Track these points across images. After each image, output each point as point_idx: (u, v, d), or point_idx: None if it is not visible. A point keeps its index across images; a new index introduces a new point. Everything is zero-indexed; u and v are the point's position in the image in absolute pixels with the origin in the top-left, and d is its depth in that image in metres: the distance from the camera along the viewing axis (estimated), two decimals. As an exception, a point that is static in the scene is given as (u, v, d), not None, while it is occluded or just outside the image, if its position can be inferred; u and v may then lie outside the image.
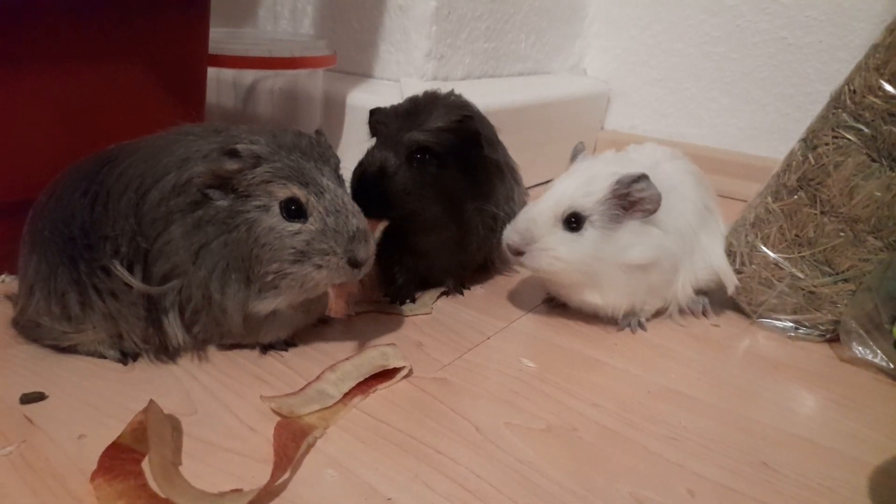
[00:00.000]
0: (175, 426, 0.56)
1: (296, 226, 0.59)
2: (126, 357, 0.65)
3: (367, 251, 0.61)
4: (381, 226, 0.76)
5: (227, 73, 1.21)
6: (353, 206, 0.62)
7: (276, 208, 0.59)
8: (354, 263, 0.61)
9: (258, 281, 0.61)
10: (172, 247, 0.61)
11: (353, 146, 0.95)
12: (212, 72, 1.01)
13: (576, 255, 0.72)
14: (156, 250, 0.61)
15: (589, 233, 0.72)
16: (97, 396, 0.60)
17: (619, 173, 0.73)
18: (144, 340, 0.64)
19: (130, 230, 0.61)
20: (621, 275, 0.74)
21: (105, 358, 0.65)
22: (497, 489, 0.52)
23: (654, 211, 0.72)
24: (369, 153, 0.75)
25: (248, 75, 1.22)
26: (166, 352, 0.66)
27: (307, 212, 0.60)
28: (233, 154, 0.58)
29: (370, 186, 0.72)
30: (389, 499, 0.50)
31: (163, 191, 0.61)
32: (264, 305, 0.63)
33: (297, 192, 0.59)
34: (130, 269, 0.61)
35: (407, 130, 0.74)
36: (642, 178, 0.71)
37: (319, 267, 0.60)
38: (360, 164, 0.75)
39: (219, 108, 1.24)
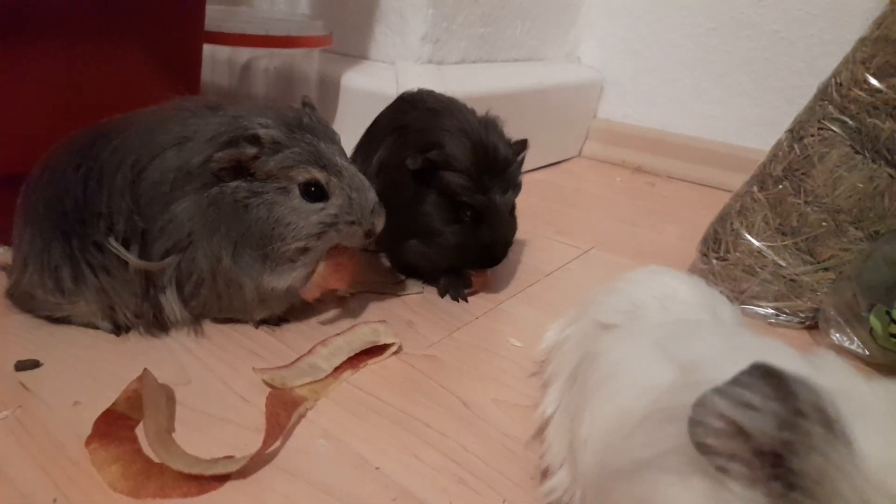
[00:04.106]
0: (169, 395, 0.57)
1: (319, 205, 0.63)
2: (119, 329, 0.66)
3: (382, 221, 0.67)
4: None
5: (223, 52, 1.21)
6: (367, 182, 0.66)
7: (296, 190, 0.62)
8: (370, 233, 0.66)
9: (276, 258, 0.63)
10: (175, 225, 0.62)
11: (348, 126, 0.96)
12: (207, 50, 1.01)
13: None
14: (156, 229, 0.62)
15: None
16: (91, 365, 0.61)
17: None
18: (137, 315, 0.65)
19: (127, 208, 0.62)
20: None
21: (98, 329, 0.66)
22: (483, 461, 0.54)
23: None
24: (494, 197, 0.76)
25: (244, 54, 1.22)
26: (159, 325, 0.67)
27: (328, 192, 0.63)
28: (254, 140, 0.60)
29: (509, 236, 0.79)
30: (378, 468, 0.52)
31: (163, 170, 0.62)
32: (281, 281, 0.65)
33: (317, 175, 0.62)
34: (126, 246, 0.62)
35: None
36: None
37: (339, 234, 0.65)
38: (500, 207, 0.76)
39: (214, 86, 1.24)
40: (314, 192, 0.63)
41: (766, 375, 0.27)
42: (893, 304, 0.72)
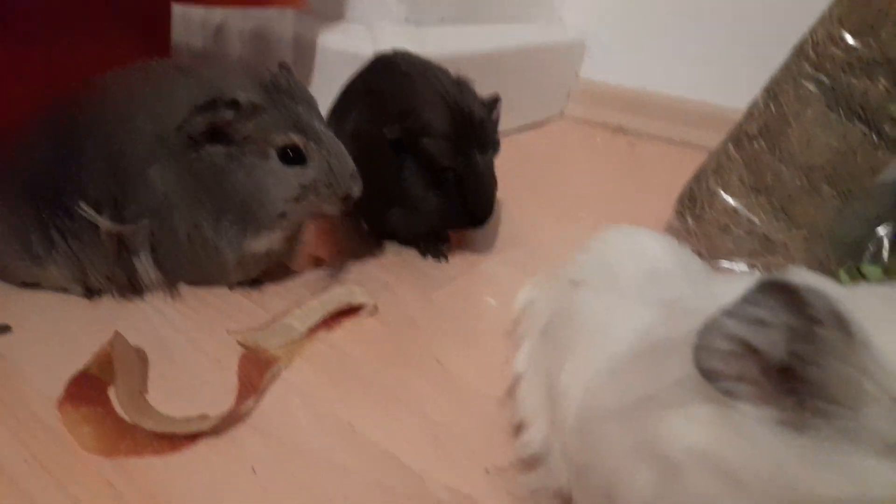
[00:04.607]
0: (142, 357, 0.57)
1: (297, 169, 0.62)
2: (91, 293, 0.66)
3: (360, 188, 0.66)
4: None
5: (195, 13, 1.19)
6: (344, 148, 0.65)
7: (274, 155, 0.61)
8: (348, 198, 0.65)
9: (254, 222, 0.63)
10: (149, 188, 0.61)
11: (324, 89, 0.94)
12: (179, 11, 0.99)
13: None
14: (129, 193, 0.61)
15: None
16: (63, 329, 0.61)
17: None
18: (109, 279, 0.65)
19: (98, 173, 0.61)
20: None
21: (70, 293, 0.66)
22: (457, 419, 0.54)
23: None
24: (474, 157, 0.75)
25: (217, 15, 1.19)
26: (132, 288, 0.66)
27: (306, 156, 0.62)
28: (232, 104, 0.59)
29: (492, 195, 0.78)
30: (352, 425, 0.52)
31: (135, 134, 0.61)
32: (259, 244, 0.65)
33: (296, 139, 0.61)
34: (98, 211, 0.61)
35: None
36: None
37: (319, 198, 0.64)
38: (480, 166, 0.75)
39: (187, 48, 1.21)
40: (292, 157, 0.62)
41: (775, 289, 0.26)
42: (863, 261, 0.73)
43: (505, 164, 0.82)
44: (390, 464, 0.49)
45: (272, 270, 0.72)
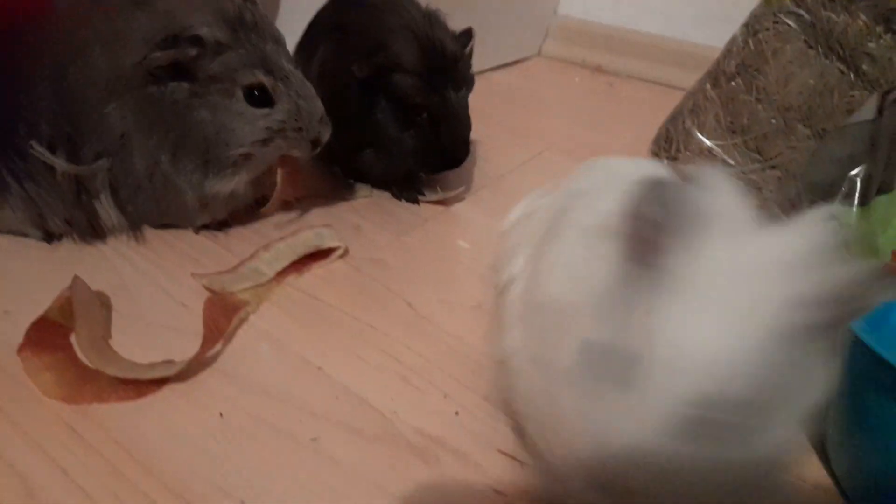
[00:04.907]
0: (104, 302, 0.56)
1: (265, 110, 0.60)
2: (50, 237, 0.64)
3: (329, 131, 0.64)
4: None
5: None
6: (314, 90, 0.63)
7: (239, 94, 0.59)
8: (316, 142, 0.63)
9: (218, 163, 0.61)
10: (106, 126, 0.59)
11: (291, 24, 0.90)
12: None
13: None
14: (85, 131, 0.59)
15: None
16: (22, 274, 0.59)
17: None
18: (69, 222, 0.63)
19: (50, 111, 0.58)
20: None
21: (29, 237, 0.63)
22: (426, 360, 0.54)
23: None
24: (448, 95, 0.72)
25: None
26: (94, 232, 0.64)
27: (273, 98, 0.60)
28: (195, 41, 0.56)
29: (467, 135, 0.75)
30: (321, 367, 0.52)
31: (90, 71, 0.58)
32: (222, 185, 0.63)
33: (263, 79, 0.59)
34: (52, 151, 0.58)
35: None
36: None
37: (287, 142, 0.62)
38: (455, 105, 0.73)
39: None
40: (258, 97, 0.59)
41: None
42: (835, 202, 0.73)
43: (479, 103, 0.80)
44: (360, 407, 0.49)
45: (239, 213, 0.70)
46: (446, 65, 0.71)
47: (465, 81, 0.75)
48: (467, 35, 0.76)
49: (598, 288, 0.31)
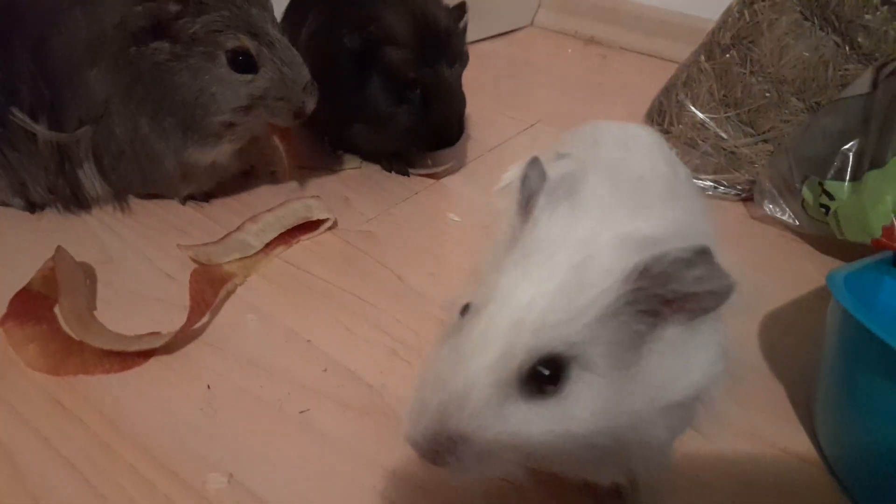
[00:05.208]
0: (88, 273, 0.55)
1: (248, 76, 0.58)
2: (33, 206, 0.63)
3: (314, 101, 0.62)
4: None
5: None
6: (300, 57, 0.61)
7: (222, 58, 0.57)
8: (300, 112, 0.62)
9: (198, 130, 0.59)
10: (87, 91, 0.58)
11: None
12: None
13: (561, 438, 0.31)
14: (66, 97, 0.57)
15: (581, 385, 0.30)
16: (4, 244, 0.58)
17: (639, 245, 0.31)
18: (51, 191, 0.62)
19: (29, 75, 0.57)
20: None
21: (11, 207, 0.62)
22: (415, 333, 0.54)
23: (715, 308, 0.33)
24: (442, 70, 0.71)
25: None
26: (77, 202, 0.63)
27: (258, 64, 0.58)
28: None
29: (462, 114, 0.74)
30: (309, 340, 0.52)
31: (69, 32, 0.57)
32: (203, 154, 0.61)
33: (247, 43, 0.57)
34: (34, 118, 0.57)
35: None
36: (700, 254, 0.30)
37: (269, 111, 0.60)
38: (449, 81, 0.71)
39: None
40: (242, 62, 0.58)
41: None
42: (827, 177, 0.72)
43: (472, 75, 0.79)
44: (348, 380, 0.49)
45: (226, 184, 0.69)
46: (440, 39, 0.70)
47: (458, 57, 0.73)
48: (461, 9, 0.75)
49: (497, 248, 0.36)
